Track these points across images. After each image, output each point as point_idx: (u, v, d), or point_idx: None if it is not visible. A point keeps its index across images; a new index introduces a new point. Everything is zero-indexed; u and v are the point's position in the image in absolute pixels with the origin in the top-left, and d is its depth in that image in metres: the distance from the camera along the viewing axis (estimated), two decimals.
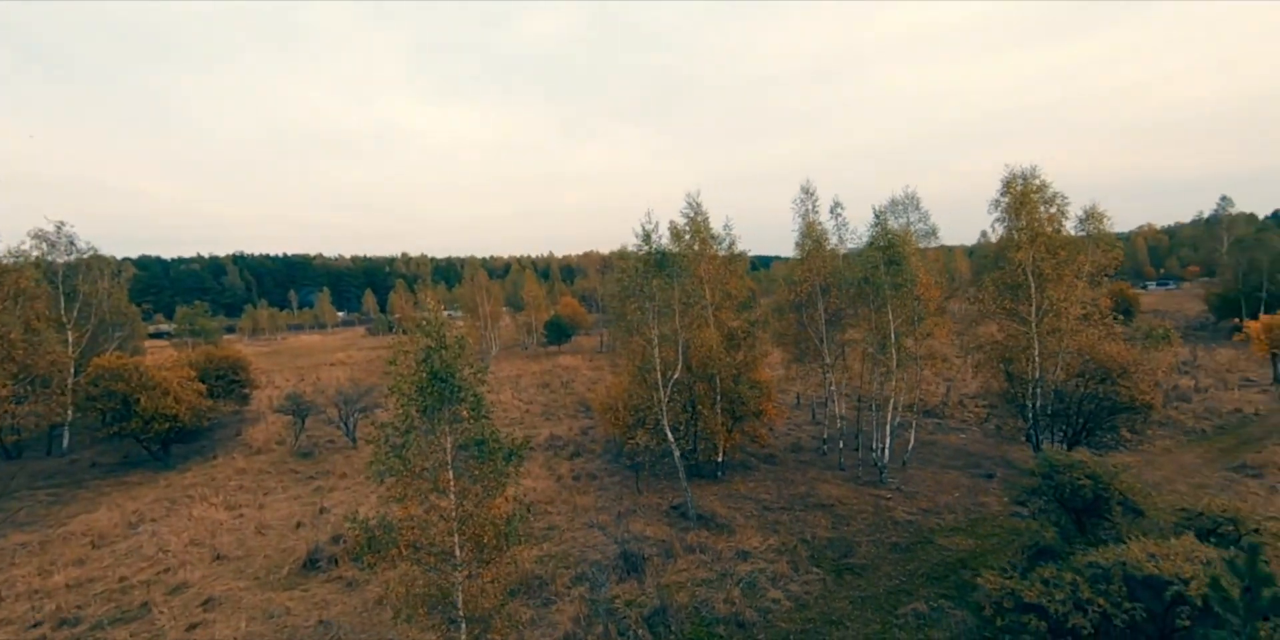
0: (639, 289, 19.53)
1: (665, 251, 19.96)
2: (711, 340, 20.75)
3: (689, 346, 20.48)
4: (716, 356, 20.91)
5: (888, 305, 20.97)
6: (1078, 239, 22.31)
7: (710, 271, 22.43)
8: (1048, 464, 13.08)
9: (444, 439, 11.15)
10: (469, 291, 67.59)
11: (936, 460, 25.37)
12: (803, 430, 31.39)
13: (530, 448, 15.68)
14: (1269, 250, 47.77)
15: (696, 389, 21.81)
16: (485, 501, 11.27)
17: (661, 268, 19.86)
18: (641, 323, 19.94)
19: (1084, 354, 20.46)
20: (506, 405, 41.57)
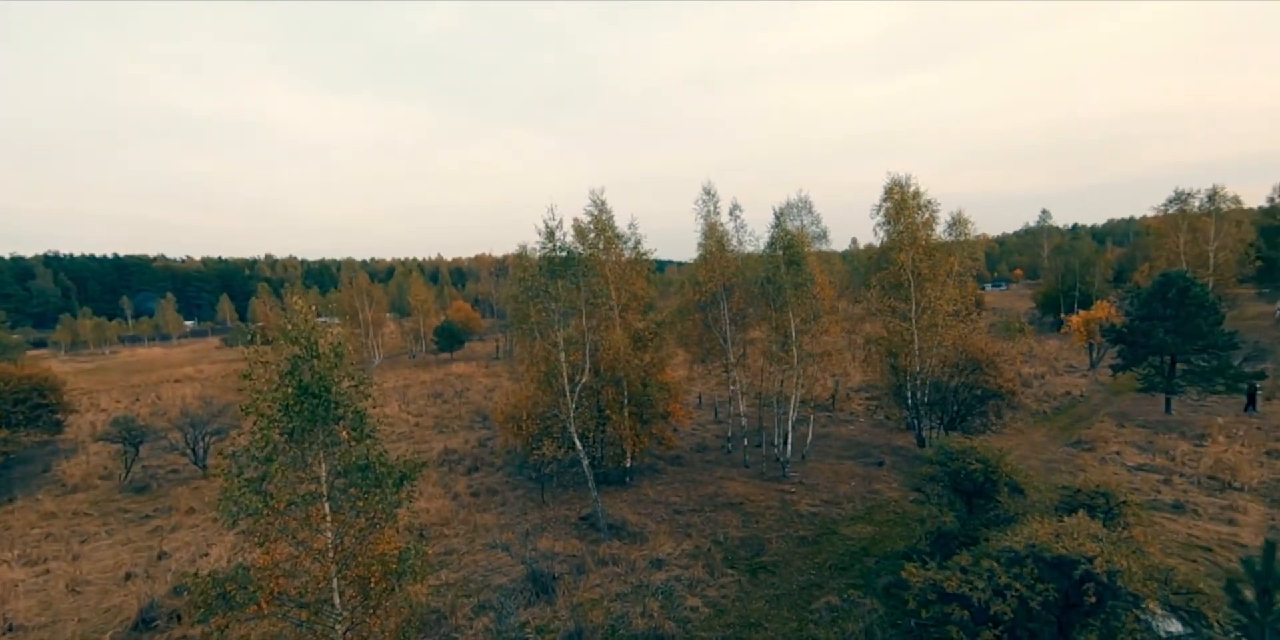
0: (542, 289, 18.34)
1: (571, 249, 18.93)
2: (619, 342, 20.04)
3: (596, 349, 19.60)
4: (624, 359, 20.23)
5: (789, 304, 21.49)
6: (948, 242, 24.38)
7: (616, 271, 21.73)
8: (943, 452, 13.76)
9: (317, 466, 9.34)
10: (347, 295, 61.68)
11: (831, 452, 26.56)
12: (707, 430, 31.66)
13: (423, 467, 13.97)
14: (1080, 256, 56.68)
15: (605, 393, 20.98)
16: (371, 536, 9.60)
17: (567, 267, 18.81)
18: (546, 325, 18.75)
19: (957, 347, 22.35)
20: (393, 419, 38.07)
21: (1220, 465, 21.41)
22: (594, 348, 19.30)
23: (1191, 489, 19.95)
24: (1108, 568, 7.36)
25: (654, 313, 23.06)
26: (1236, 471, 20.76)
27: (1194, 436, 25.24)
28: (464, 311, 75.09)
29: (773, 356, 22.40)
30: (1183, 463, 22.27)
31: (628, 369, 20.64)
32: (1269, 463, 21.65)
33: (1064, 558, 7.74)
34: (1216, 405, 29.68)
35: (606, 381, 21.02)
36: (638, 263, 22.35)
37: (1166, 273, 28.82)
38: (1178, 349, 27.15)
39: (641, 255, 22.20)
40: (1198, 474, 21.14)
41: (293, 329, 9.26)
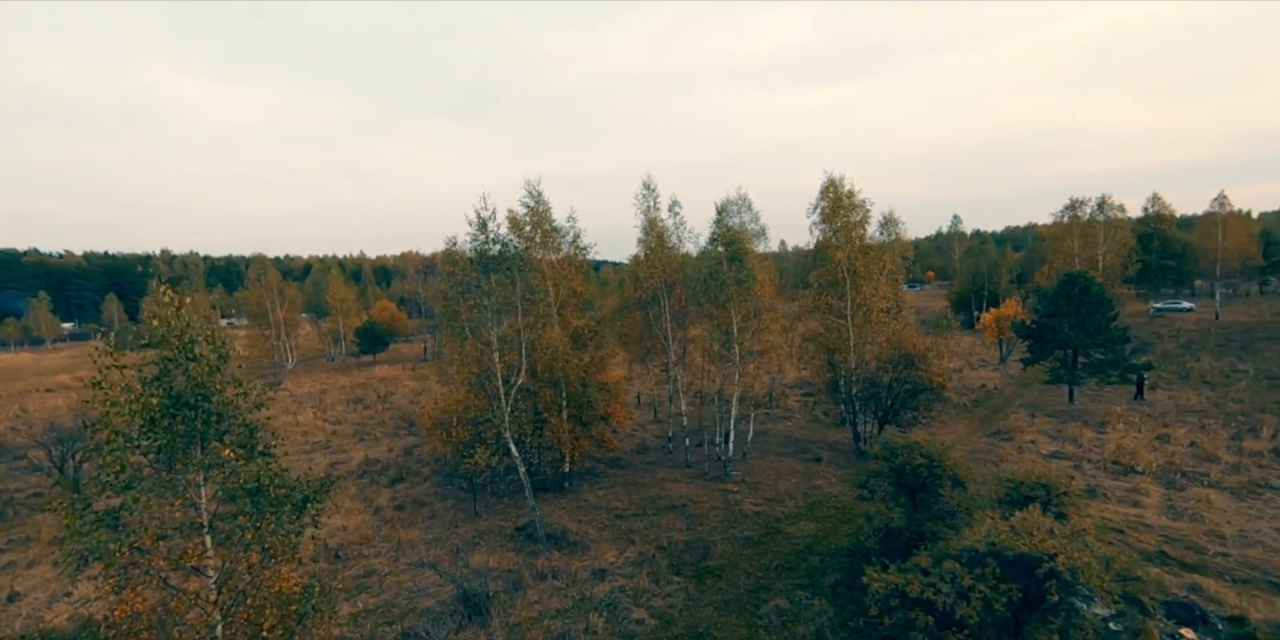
0: (474, 284, 16.92)
1: (505, 242, 17.61)
2: (557, 341, 18.89)
3: (533, 349, 18.36)
4: (562, 359, 19.10)
5: (731, 301, 21.11)
6: (882, 242, 24.91)
7: (554, 266, 20.54)
8: (888, 447, 13.63)
9: (194, 492, 7.73)
10: (255, 294, 56.44)
11: (771, 449, 26.54)
12: (647, 430, 30.96)
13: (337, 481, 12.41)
14: (988, 259, 60.83)
15: (542, 395, 19.75)
16: (265, 572, 8.07)
17: (501, 260, 17.47)
18: (479, 323, 17.34)
19: (891, 343, 22.81)
20: (308, 427, 34.88)
21: (1121, 451, 23.01)
22: (530, 347, 18.07)
23: (1099, 474, 21.24)
24: (1070, 564, 7.20)
25: (593, 311, 22.06)
26: (1136, 456, 22.35)
27: (1095, 424, 27.13)
28: (389, 311, 70.80)
29: (714, 354, 21.97)
30: (1089, 449, 23.78)
31: (566, 369, 19.53)
32: (1160, 447, 23.47)
33: (1026, 556, 7.52)
34: (1110, 395, 32.21)
35: (544, 383, 19.81)
36: (576, 257, 21.24)
37: (1069, 272, 30.95)
38: (1080, 343, 29.17)
39: (580, 250, 21.13)
40: (1103, 459, 22.60)
41: (161, 326, 7.59)
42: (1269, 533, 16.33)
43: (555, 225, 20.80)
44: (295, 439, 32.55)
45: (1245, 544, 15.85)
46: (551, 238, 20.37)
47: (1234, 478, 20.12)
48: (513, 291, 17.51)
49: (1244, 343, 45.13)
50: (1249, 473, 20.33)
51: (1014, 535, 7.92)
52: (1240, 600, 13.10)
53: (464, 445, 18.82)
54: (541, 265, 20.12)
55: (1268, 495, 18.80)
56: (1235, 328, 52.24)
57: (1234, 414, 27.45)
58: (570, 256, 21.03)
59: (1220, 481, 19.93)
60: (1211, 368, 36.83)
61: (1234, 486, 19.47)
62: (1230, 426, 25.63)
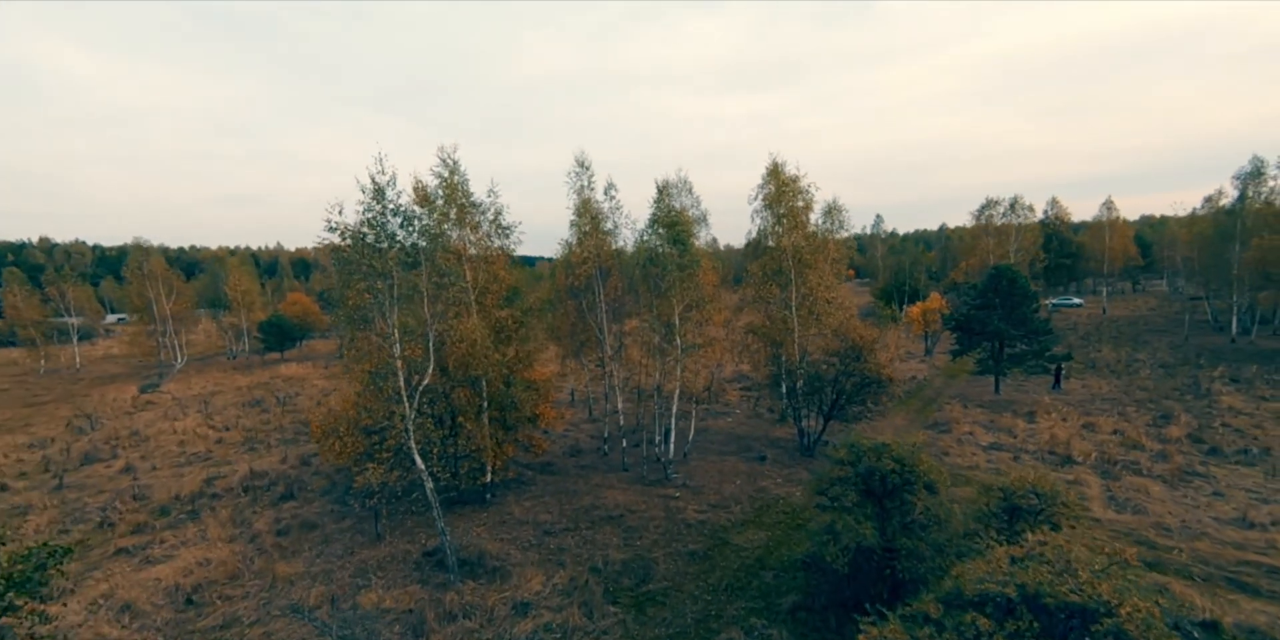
0: (368, 266, 13.57)
1: (410, 215, 14.33)
2: (475, 334, 15.79)
3: (443, 343, 15.20)
4: (482, 354, 16.03)
5: (673, 289, 18.75)
6: (825, 230, 23.36)
7: (472, 247, 17.37)
8: (853, 450, 11.68)
9: None
10: (137, 286, 48.76)
11: (713, 447, 24.54)
12: (581, 430, 28.21)
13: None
14: (910, 256, 62.40)
15: (457, 396, 16.56)
16: None
17: (405, 234, 14.20)
18: (374, 312, 14.00)
19: (837, 334, 21.27)
20: (187, 436, 29.57)
21: (1055, 441, 22.65)
22: (440, 341, 14.90)
23: (1038, 465, 20.59)
24: (1139, 618, 5.33)
25: (521, 301, 19.07)
26: (1070, 446, 22.00)
27: (1024, 414, 27.00)
28: (301, 305, 63.75)
29: (653, 348, 19.56)
30: (1024, 439, 23.33)
31: (486, 366, 16.48)
32: (1089, 436, 23.34)
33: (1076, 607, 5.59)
34: (1030, 385, 32.64)
35: (458, 382, 16.63)
36: (499, 235, 18.13)
37: (997, 266, 30.95)
38: (1007, 335, 29.09)
39: (503, 230, 18.05)
40: (1040, 449, 22.12)
41: None
42: (1210, 524, 15.85)
43: (473, 200, 17.62)
44: (169, 450, 27.36)
45: (1192, 536, 15.24)
46: (468, 214, 17.17)
47: (1163, 466, 19.97)
48: (418, 274, 14.27)
49: (1133, 335, 48.04)
50: (1174, 460, 20.26)
51: (1053, 574, 5.99)
52: (1207, 602, 12.15)
53: (359, 458, 15.39)
54: (457, 246, 16.94)
55: (1197, 483, 18.62)
56: (1121, 321, 55.94)
57: (1143, 401, 28.16)
58: (489, 235, 17.88)
59: (1151, 470, 19.70)
60: (1113, 357, 38.48)
61: (1165, 475, 19.24)
62: (1144, 413, 26.11)
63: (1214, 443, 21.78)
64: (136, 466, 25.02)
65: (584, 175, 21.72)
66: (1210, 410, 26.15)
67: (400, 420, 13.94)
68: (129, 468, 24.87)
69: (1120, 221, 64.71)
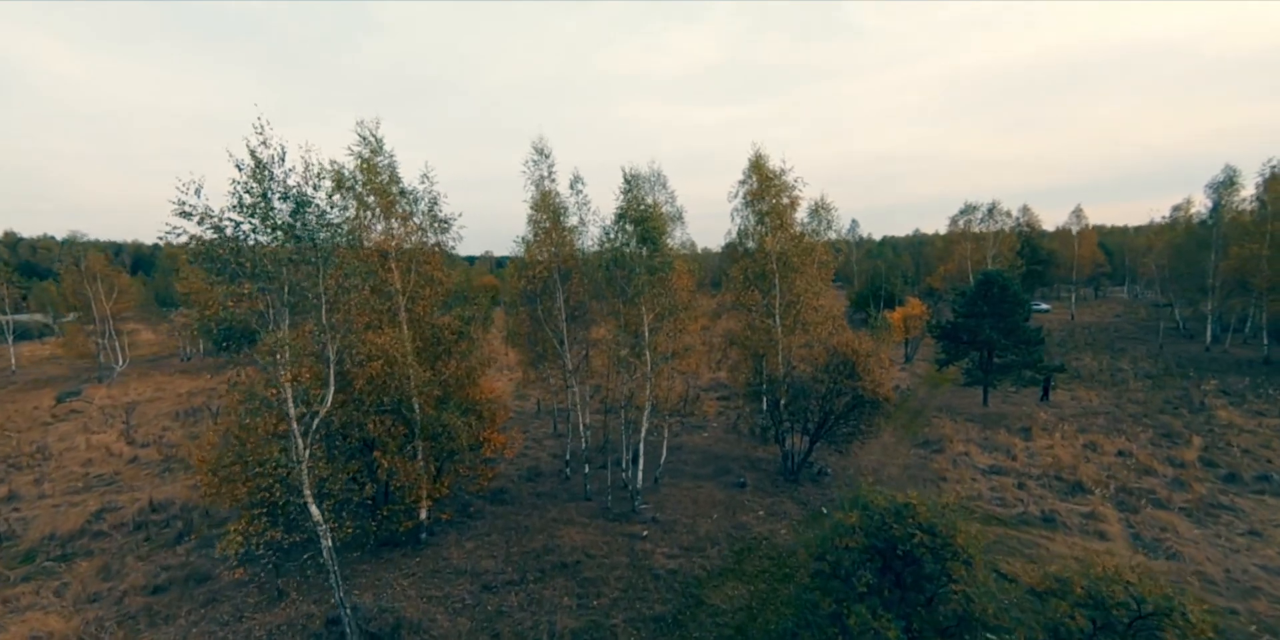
0: (237, 264, 10.09)
1: (303, 200, 10.86)
2: (394, 348, 12.36)
3: (347, 359, 11.74)
4: (403, 373, 12.61)
5: (642, 294, 15.55)
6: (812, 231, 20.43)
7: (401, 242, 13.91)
8: (868, 513, 8.62)
9: None
10: (71, 282, 43.75)
11: (687, 469, 21.42)
12: (543, 447, 24.83)
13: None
14: (887, 260, 60.39)
15: (374, 426, 13.08)
16: None
17: (292, 225, 10.73)
18: (253, 324, 10.51)
19: (827, 346, 18.34)
20: (98, 453, 25.36)
21: (1059, 464, 20.07)
22: (341, 357, 11.45)
23: (1047, 494, 17.94)
24: None
25: (466, 306, 15.62)
26: (1076, 471, 19.43)
27: (1019, 431, 24.48)
28: None
29: (620, 361, 16.34)
30: (1025, 461, 20.70)
31: (407, 389, 13.06)
32: (1094, 457, 20.84)
33: None
34: (1017, 396, 30.28)
35: (371, 409, 13.13)
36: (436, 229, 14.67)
37: (987, 273, 28.47)
38: (998, 344, 26.60)
39: (439, 223, 14.61)
40: (1043, 473, 19.50)
41: None
42: (1260, 575, 13.24)
43: (402, 186, 14.16)
44: (71, 472, 23.20)
45: (1243, 592, 12.59)
46: (392, 201, 13.68)
47: (1183, 496, 17.46)
48: (313, 276, 10.80)
49: (1107, 342, 46.43)
50: (1194, 489, 17.77)
51: None
52: None
53: (243, 507, 11.84)
54: (379, 240, 13.49)
55: (1225, 518, 16.09)
56: (1093, 327, 54.58)
57: (1138, 416, 25.91)
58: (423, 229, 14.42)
59: (1171, 500, 17.16)
60: (1095, 366, 36.47)
61: (1187, 507, 16.71)
62: (1143, 429, 23.79)
63: (1229, 466, 19.42)
64: (21, 494, 20.87)
65: (543, 164, 18.44)
66: (1210, 426, 23.96)
67: (278, 466, 10.44)
68: (12, 496, 20.72)
69: (1089, 229, 63.67)
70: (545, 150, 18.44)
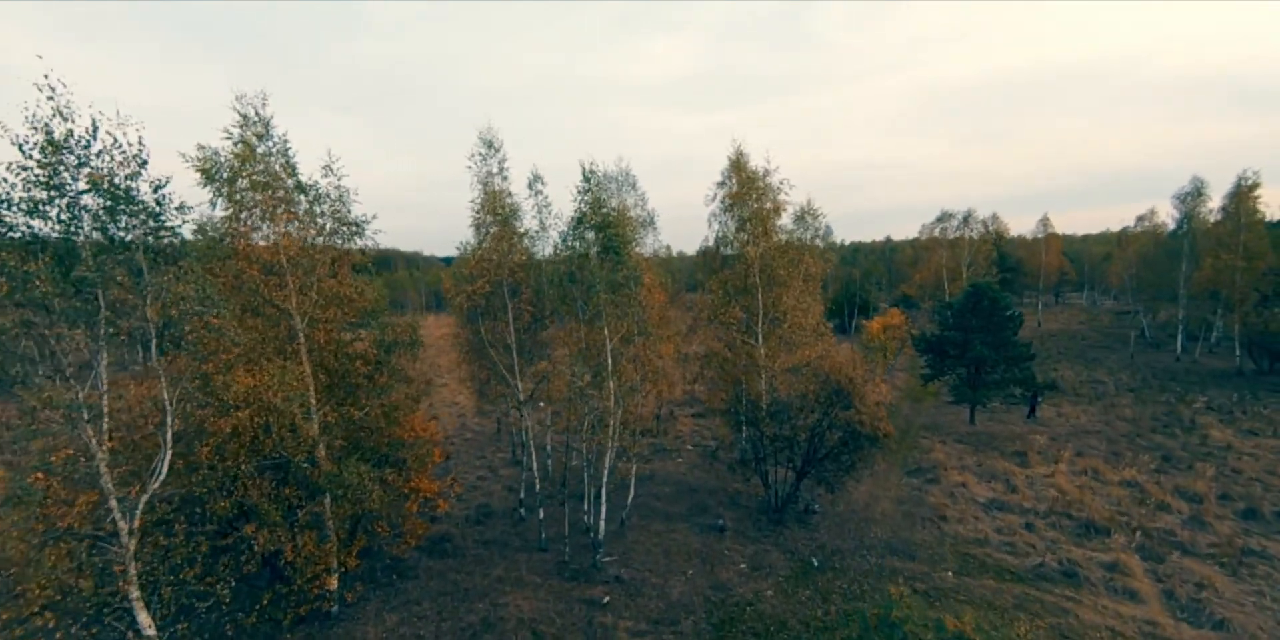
0: (29, 281, 6.87)
1: (117, 193, 7.69)
2: (279, 390, 9.19)
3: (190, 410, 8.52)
4: (284, 422, 9.44)
5: (604, 314, 12.66)
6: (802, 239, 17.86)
7: (294, 248, 10.70)
8: None
9: None
10: None
11: (658, 505, 18.62)
12: (499, 477, 21.70)
13: None
14: (861, 267, 58.88)
15: (252, 489, 9.84)
16: None
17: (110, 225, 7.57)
18: (43, 364, 7.31)
19: (817, 371, 15.76)
20: None
21: (1065, 498, 17.91)
22: (187, 410, 8.26)
23: (1060, 538, 15.67)
24: None
25: (387, 328, 12.39)
26: (1084, 505, 17.28)
27: (1012, 454, 22.40)
28: None
29: (579, 392, 13.40)
30: (1028, 495, 18.49)
31: (307, 438, 9.89)
32: (1100, 489, 18.75)
33: None
34: (1003, 413, 28.38)
35: (241, 471, 9.85)
36: (344, 237, 11.48)
37: (975, 284, 26.47)
38: (991, 360, 24.55)
39: (349, 227, 11.44)
40: (1050, 510, 17.28)
41: None
42: None
43: (301, 180, 10.95)
44: None
45: None
46: (282, 200, 10.47)
47: (1205, 538, 15.40)
48: (132, 293, 7.60)
49: (1079, 351, 45.43)
50: (1216, 530, 15.74)
51: None
52: None
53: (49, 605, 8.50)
54: (262, 250, 10.29)
55: (1261, 569, 14.00)
56: (1060, 335, 53.79)
57: (1131, 436, 24.16)
58: (328, 233, 11.24)
59: (1196, 545, 15.06)
60: (1074, 379, 34.99)
61: (1217, 555, 14.60)
62: (1139, 452, 21.95)
63: (1244, 499, 17.55)
64: None
65: (492, 159, 15.42)
66: (1206, 448, 22.28)
67: (80, 566, 7.23)
68: None
69: (1055, 237, 63.38)
70: (495, 143, 15.40)
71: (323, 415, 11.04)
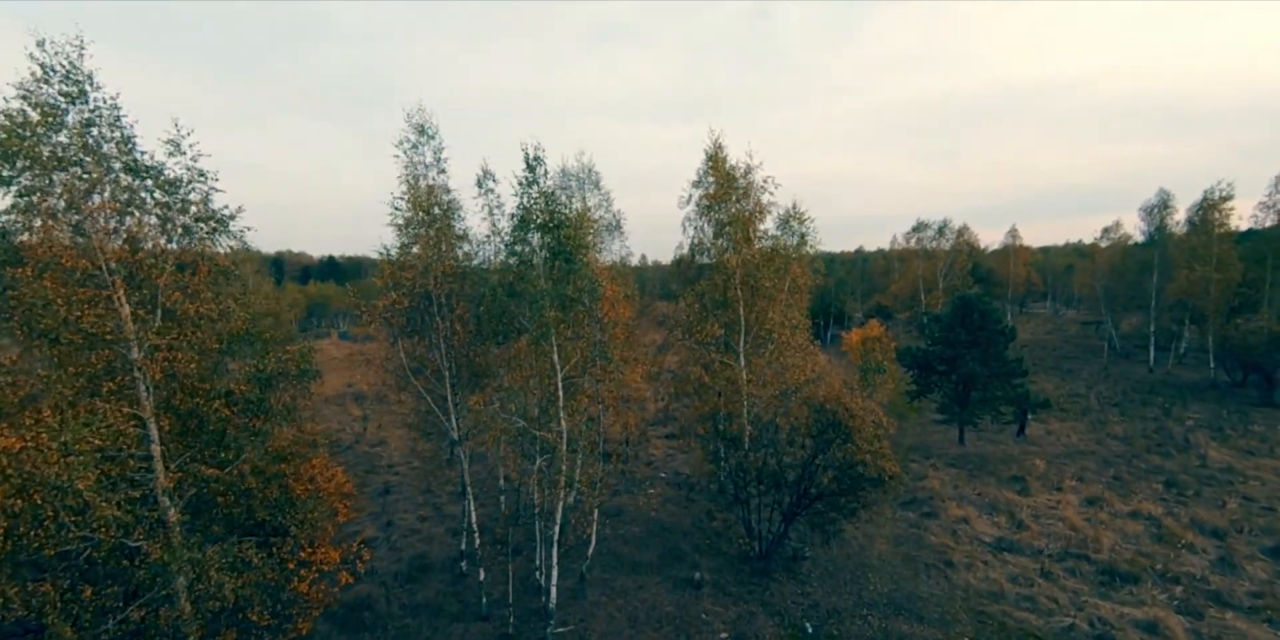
0: None
1: None
2: (83, 444, 6.22)
3: None
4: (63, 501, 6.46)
5: (552, 337, 9.96)
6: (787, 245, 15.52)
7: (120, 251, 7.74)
8: None
9: None
10: None
11: (625, 550, 15.87)
12: (445, 517, 18.63)
13: None
14: (835, 275, 57.50)
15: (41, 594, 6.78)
16: None
17: None
18: None
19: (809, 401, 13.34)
20: None
21: (1075, 534, 15.88)
22: None
23: (1082, 588, 13.53)
24: None
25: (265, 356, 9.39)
26: (1099, 543, 15.26)
27: (1009, 480, 20.44)
28: None
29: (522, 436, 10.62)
30: (1036, 531, 16.39)
31: (100, 522, 6.90)
32: (1111, 523, 16.77)
33: None
34: (991, 432, 26.56)
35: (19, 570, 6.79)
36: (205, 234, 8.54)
37: (964, 296, 24.70)
38: (983, 377, 22.69)
39: (205, 222, 8.48)
40: (1064, 550, 15.19)
41: None
42: None
43: (135, 159, 8.03)
44: None
45: None
46: (88, 179, 7.53)
47: (1243, 586, 13.46)
48: None
49: (1053, 362, 44.59)
50: (1250, 574, 13.84)
51: None
52: None
53: None
54: (55, 253, 7.32)
55: None
56: (1032, 345, 53.10)
57: (1126, 457, 22.52)
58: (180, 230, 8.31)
59: (1235, 595, 13.08)
60: (1054, 392, 33.65)
61: (1259, 608, 12.63)
62: (1138, 476, 20.26)
63: (1269, 533, 15.78)
64: None
65: (425, 147, 12.66)
66: (1206, 469, 20.74)
67: None
68: None
69: (1024, 249, 63.37)
70: (428, 129, 12.64)
71: (167, 478, 8.02)
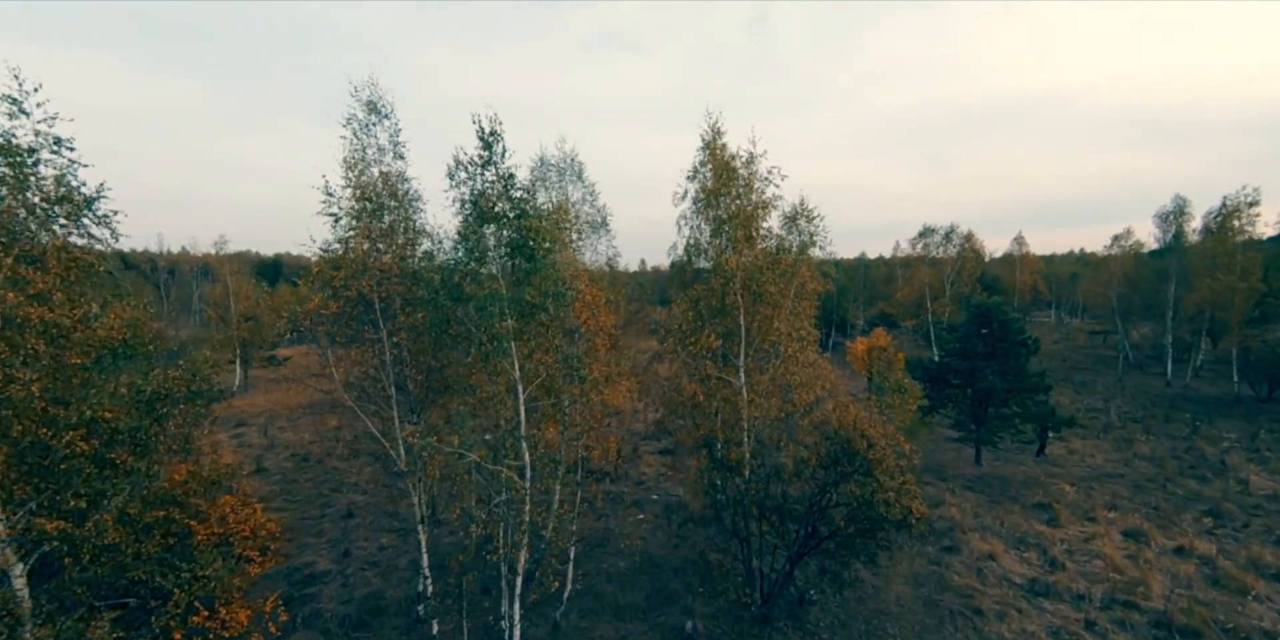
0: None
1: None
2: None
3: None
4: None
5: (512, 351, 8.06)
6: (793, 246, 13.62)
7: None
8: None
9: None
10: None
11: (608, 592, 13.87)
12: (409, 546, 16.59)
13: None
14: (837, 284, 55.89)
15: None
16: None
17: None
18: None
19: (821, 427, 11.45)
20: None
21: (1117, 575, 13.90)
22: None
23: None
24: None
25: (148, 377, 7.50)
26: (1146, 587, 13.29)
27: (1034, 507, 18.47)
28: None
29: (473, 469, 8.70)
30: (1073, 571, 14.40)
31: None
32: (1151, 558, 14.80)
33: None
34: (1009, 451, 24.58)
35: None
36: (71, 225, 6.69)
37: (981, 305, 22.82)
38: (1003, 393, 20.76)
39: (60, 206, 6.64)
40: (1107, 594, 13.20)
41: None
42: None
43: None
44: None
45: None
46: None
47: None
48: None
49: (1064, 374, 42.59)
50: None
51: None
52: None
53: None
54: None
55: None
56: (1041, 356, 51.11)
57: (1159, 481, 20.55)
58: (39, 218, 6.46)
59: None
60: (1071, 407, 31.72)
61: None
62: (1173, 503, 18.30)
63: None
64: None
65: (379, 128, 10.81)
66: (1250, 498, 18.77)
67: None
68: None
69: (1030, 257, 61.61)
70: (381, 107, 10.80)
71: (4, 529, 6.10)
